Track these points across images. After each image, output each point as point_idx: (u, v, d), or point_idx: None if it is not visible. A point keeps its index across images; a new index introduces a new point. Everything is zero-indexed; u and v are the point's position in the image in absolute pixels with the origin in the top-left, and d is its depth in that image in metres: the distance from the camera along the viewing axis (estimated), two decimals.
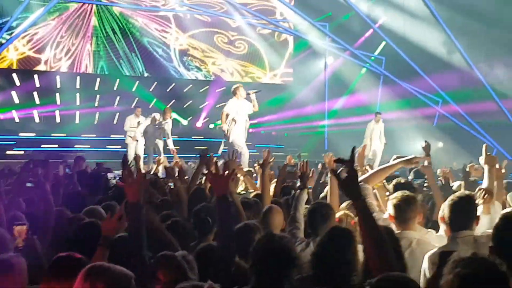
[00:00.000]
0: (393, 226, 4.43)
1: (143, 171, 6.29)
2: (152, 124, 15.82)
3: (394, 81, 20.79)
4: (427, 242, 4.39)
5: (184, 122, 21.87)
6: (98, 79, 20.90)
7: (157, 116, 15.80)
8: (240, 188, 8.59)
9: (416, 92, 20.41)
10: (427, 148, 6.29)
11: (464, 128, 19.22)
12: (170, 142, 15.74)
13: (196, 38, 22.19)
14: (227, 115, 13.45)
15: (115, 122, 20.41)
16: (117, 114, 20.50)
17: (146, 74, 21.59)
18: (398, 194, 4.58)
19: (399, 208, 4.48)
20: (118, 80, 21.01)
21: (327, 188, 6.14)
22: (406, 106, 20.67)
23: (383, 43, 21.35)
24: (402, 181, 5.85)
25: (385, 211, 4.93)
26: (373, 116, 18.05)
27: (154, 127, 15.79)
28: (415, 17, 20.24)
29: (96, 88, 20.90)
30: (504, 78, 18.60)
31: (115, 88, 21.00)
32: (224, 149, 14.50)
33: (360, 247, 3.47)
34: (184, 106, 21.77)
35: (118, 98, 20.94)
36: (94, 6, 20.58)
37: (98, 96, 20.88)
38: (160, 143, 15.93)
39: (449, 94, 19.83)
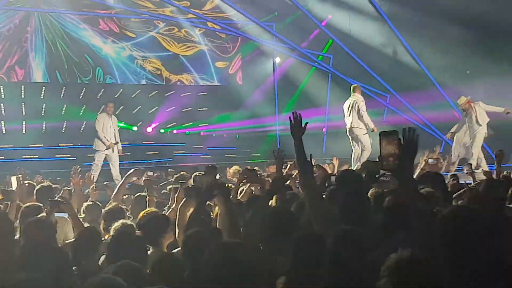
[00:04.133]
0: None
1: None
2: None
3: (342, 79, 20.89)
4: None
5: (134, 128, 21.59)
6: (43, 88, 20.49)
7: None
8: None
9: (363, 88, 20.54)
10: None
11: (412, 122, 19.40)
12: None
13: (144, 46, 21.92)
14: None
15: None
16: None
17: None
18: None
19: None
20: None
21: None
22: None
23: (330, 41, 21.49)
24: None
25: None
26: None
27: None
28: (360, 13, 20.36)
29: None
30: (448, 72, 18.80)
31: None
32: None
33: None
34: (134, 112, 21.47)
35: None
36: (35, 15, 20.16)
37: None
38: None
39: (397, 90, 20.01)
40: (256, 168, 9.92)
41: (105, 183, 12.46)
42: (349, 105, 14.45)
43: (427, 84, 19.13)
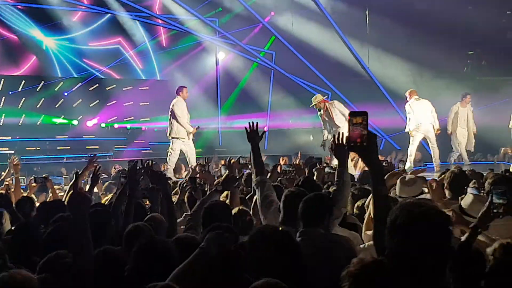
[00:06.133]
0: None
1: None
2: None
3: (285, 75, 21.05)
4: None
5: (74, 122, 21.32)
6: None
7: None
8: None
9: (305, 86, 20.78)
10: None
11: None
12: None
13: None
14: None
15: None
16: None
17: None
18: None
19: None
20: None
21: None
22: (297, 101, 20.96)
23: (273, 37, 21.60)
24: None
25: None
26: (459, 98, 15.33)
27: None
28: (303, 11, 20.56)
29: None
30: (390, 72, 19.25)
31: None
32: None
33: None
34: (74, 106, 21.18)
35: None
36: None
37: None
38: None
39: (338, 88, 20.26)
40: None
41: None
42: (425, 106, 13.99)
43: (370, 85, 19.51)
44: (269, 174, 7.45)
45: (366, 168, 6.78)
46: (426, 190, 6.22)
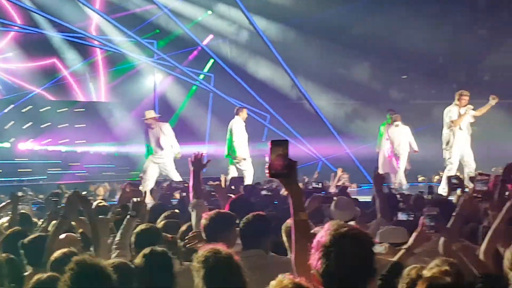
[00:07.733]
0: None
1: None
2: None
3: (223, 99, 20.99)
4: None
5: (7, 145, 20.76)
6: None
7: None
8: None
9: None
10: None
11: (291, 142, 19.77)
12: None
13: None
14: None
15: None
16: None
17: None
18: None
19: None
20: None
21: None
22: None
23: (212, 60, 21.58)
24: None
25: None
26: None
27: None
28: (242, 33, 20.73)
29: None
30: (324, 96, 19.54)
31: None
32: None
33: None
34: (6, 127, 20.67)
35: None
36: None
37: None
38: None
39: (276, 111, 20.34)
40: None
41: None
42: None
43: (307, 108, 19.68)
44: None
45: None
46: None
